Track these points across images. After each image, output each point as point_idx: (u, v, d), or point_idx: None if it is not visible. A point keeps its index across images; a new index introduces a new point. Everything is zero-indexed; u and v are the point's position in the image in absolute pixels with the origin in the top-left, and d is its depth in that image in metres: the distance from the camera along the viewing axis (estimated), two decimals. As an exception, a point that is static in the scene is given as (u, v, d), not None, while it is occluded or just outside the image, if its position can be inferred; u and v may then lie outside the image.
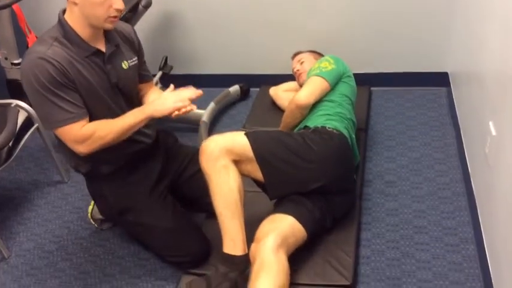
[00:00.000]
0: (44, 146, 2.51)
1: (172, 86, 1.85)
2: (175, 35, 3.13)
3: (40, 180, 2.66)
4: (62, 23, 1.72)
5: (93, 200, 2.15)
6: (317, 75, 2.20)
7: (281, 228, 1.77)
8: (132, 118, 1.78)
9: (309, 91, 2.17)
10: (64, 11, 1.74)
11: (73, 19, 1.71)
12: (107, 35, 1.81)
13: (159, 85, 2.73)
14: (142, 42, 2.01)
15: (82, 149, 1.75)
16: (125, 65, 1.86)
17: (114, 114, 1.82)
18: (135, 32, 1.96)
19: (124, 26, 1.94)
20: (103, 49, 1.79)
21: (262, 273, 1.64)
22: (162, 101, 1.78)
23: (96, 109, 1.79)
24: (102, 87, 1.79)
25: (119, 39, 1.86)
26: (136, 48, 1.94)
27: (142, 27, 2.85)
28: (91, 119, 1.77)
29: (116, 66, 1.83)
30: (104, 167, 1.92)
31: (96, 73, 1.77)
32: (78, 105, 1.72)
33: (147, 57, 2.05)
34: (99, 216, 2.26)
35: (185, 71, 3.20)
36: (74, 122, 1.70)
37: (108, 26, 1.72)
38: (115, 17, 1.70)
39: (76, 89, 1.72)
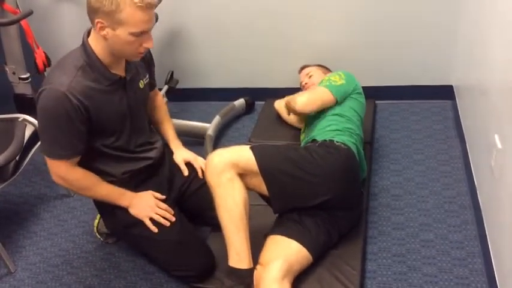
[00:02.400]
0: (51, 160, 2.52)
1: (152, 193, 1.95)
2: (181, 49, 3.16)
3: (46, 194, 2.67)
4: (86, 49, 1.72)
5: (99, 213, 2.16)
6: (325, 86, 2.21)
7: (287, 256, 1.77)
8: (112, 196, 1.90)
9: (308, 99, 2.18)
10: (88, 33, 1.74)
11: (98, 46, 1.71)
12: None
13: (165, 99, 2.74)
14: (148, 57, 2.03)
15: (57, 180, 1.83)
16: (141, 84, 1.90)
17: (128, 136, 1.87)
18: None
19: None
20: (123, 74, 1.80)
21: None
22: (143, 205, 1.91)
23: (114, 134, 1.83)
24: (118, 112, 1.82)
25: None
26: (148, 63, 1.97)
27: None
28: (98, 135, 1.79)
29: (135, 89, 1.87)
30: (113, 183, 1.93)
31: (116, 99, 1.79)
32: (77, 144, 1.75)
33: (153, 72, 2.07)
34: (104, 230, 2.26)
35: (191, 85, 3.22)
36: (65, 159, 1.76)
37: (134, 59, 1.76)
38: (142, 52, 1.73)
39: (85, 121, 1.72)
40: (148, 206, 1.91)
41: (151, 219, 1.91)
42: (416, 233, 2.13)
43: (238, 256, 1.76)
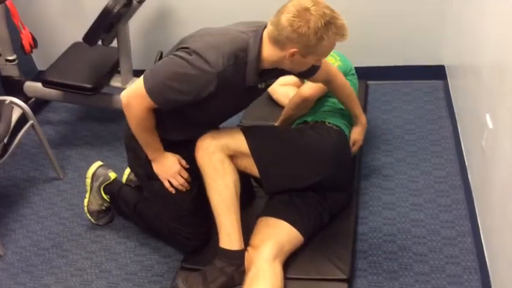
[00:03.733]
0: (39, 143, 2.49)
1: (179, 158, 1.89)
2: (170, 29, 3.11)
3: (35, 177, 2.65)
4: (256, 50, 1.63)
5: (129, 152, 2.03)
6: None
7: (278, 237, 1.77)
8: (151, 146, 1.84)
9: (314, 85, 2.15)
10: (267, 35, 1.63)
11: (268, 54, 1.64)
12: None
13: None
14: (137, 37, 1.99)
15: (127, 104, 1.71)
16: (261, 85, 1.82)
17: (210, 124, 1.87)
18: None
19: None
20: (255, 84, 1.73)
21: (257, 284, 1.65)
22: (167, 167, 1.85)
23: (206, 116, 1.79)
24: (230, 107, 1.81)
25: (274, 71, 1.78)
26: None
27: (136, 22, 2.83)
28: (188, 123, 1.81)
29: (252, 91, 1.80)
30: (174, 136, 1.88)
31: (235, 97, 1.74)
32: (173, 104, 1.69)
33: (141, 52, 2.02)
34: (95, 208, 2.23)
35: (181, 66, 3.18)
36: (154, 102, 1.66)
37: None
38: None
39: (198, 99, 1.66)
40: (172, 170, 1.86)
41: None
42: (406, 212, 2.13)
43: (229, 237, 1.76)
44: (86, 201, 2.26)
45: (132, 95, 1.70)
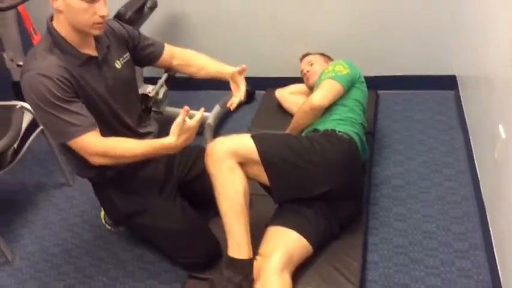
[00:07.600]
0: (49, 149, 2.50)
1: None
2: (180, 36, 3.12)
3: (45, 182, 2.65)
4: (50, 31, 1.69)
5: (101, 205, 2.11)
6: (332, 78, 2.17)
7: (287, 246, 1.76)
8: (151, 150, 1.72)
9: (323, 94, 2.14)
10: (51, 18, 1.70)
11: (61, 26, 1.67)
12: (97, 37, 1.77)
13: (164, 88, 2.70)
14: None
15: (96, 160, 1.72)
16: (118, 64, 1.84)
17: (113, 116, 1.82)
18: (121, 24, 1.93)
19: (109, 23, 1.88)
20: (95, 53, 1.76)
21: None
22: (186, 138, 1.71)
23: (97, 115, 1.76)
24: (102, 93, 1.77)
25: (108, 39, 1.83)
26: (127, 41, 1.90)
27: (147, 29, 2.84)
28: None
29: (111, 68, 1.81)
30: (109, 171, 1.89)
31: (94, 80, 1.74)
32: (85, 116, 1.68)
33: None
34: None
35: (191, 74, 3.18)
36: (84, 133, 1.67)
37: (95, 32, 1.69)
38: (100, 23, 1.67)
39: (78, 98, 1.68)
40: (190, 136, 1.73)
41: (160, 212, 1.92)
42: (418, 224, 2.10)
43: (238, 246, 1.74)
44: (102, 213, 2.27)
45: (85, 150, 1.70)
